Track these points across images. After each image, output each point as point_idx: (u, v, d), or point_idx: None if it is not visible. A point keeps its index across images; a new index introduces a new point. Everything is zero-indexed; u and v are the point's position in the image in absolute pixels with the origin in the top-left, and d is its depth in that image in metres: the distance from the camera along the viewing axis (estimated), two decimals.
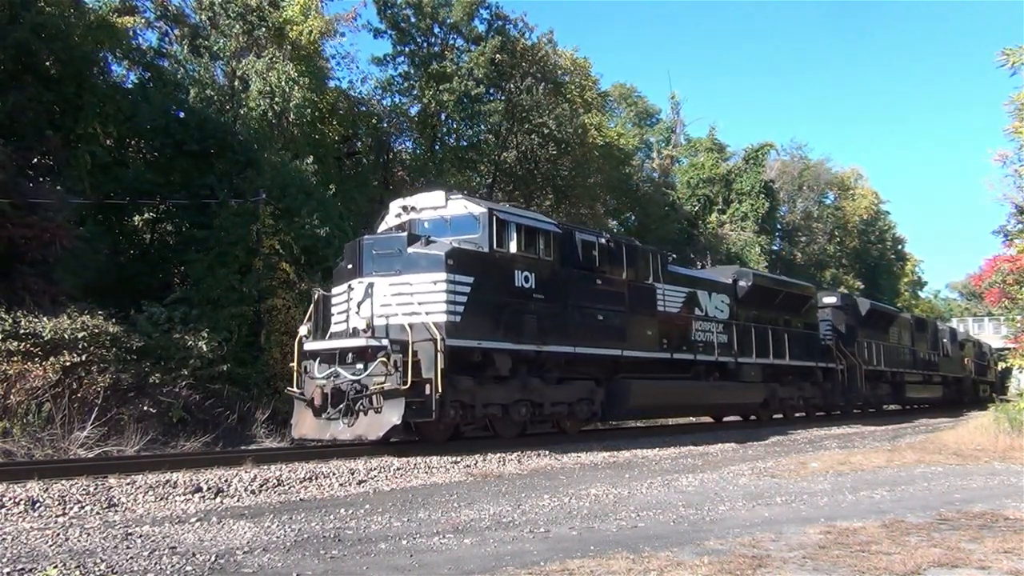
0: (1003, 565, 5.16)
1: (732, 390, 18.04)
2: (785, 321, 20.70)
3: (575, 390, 13.74)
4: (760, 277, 20.55)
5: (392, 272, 11.30)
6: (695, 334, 16.74)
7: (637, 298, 14.94)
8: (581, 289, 13.56)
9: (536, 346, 12.45)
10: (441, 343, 10.69)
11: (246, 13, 19.71)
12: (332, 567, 5.10)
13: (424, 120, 25.67)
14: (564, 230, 13.78)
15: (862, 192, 55.13)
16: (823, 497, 8.30)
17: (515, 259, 12.35)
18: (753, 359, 18.57)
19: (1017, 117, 17.71)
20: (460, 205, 12.43)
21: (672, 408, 17.59)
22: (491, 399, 12.07)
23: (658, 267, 15.87)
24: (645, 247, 16.48)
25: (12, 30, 14.94)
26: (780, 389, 20.22)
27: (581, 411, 13.90)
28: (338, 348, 11.32)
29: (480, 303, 11.56)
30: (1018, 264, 20.81)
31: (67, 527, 6.25)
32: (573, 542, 5.93)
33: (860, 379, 23.95)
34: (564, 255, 13.34)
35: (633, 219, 35.99)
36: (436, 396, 10.58)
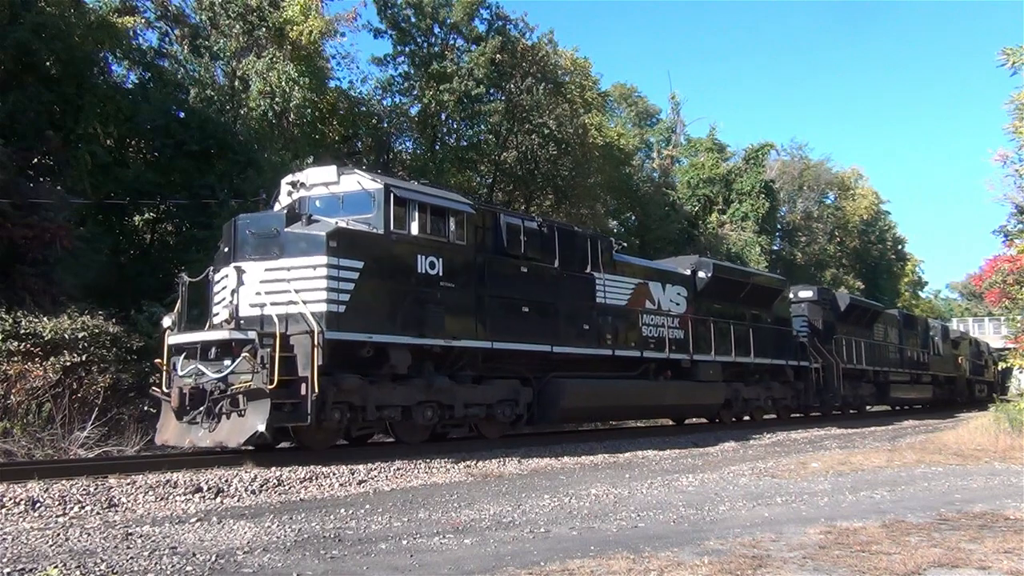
0: (1003, 565, 5.16)
1: (687, 390, 16.51)
2: (752, 316, 19.20)
3: (495, 391, 12.39)
4: (721, 268, 18.84)
5: (269, 256, 10.03)
6: (645, 329, 15.40)
7: (572, 289, 13.67)
8: (503, 277, 12.27)
9: (444, 340, 11.17)
10: (319, 336, 9.45)
11: (246, 13, 19.74)
12: (332, 567, 5.10)
13: (424, 120, 25.69)
14: (481, 211, 12.45)
15: (862, 192, 55.11)
16: (823, 497, 8.30)
17: (417, 242, 10.98)
18: (712, 356, 17.09)
19: (1017, 116, 17.69)
20: (353, 181, 11.04)
21: (614, 411, 16.02)
22: (387, 400, 10.75)
23: (598, 255, 14.42)
24: (584, 232, 15.14)
25: (12, 30, 14.96)
26: (744, 389, 18.84)
27: (503, 414, 12.58)
28: (200, 342, 10.02)
29: (371, 291, 10.31)
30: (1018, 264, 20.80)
31: (67, 527, 6.25)
32: (573, 542, 5.92)
33: (837, 378, 22.54)
34: (483, 239, 12.13)
35: (633, 219, 36.00)
36: (313, 397, 9.36)
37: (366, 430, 11.50)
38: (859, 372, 24.98)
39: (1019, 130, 17.67)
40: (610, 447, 13.56)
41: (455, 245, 11.56)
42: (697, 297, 17.25)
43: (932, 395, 32.02)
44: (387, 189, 10.75)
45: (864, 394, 25.62)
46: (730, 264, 20.90)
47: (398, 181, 11.66)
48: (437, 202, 11.51)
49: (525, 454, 12.05)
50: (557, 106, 27.39)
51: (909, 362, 29.90)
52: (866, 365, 25.25)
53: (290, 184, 11.53)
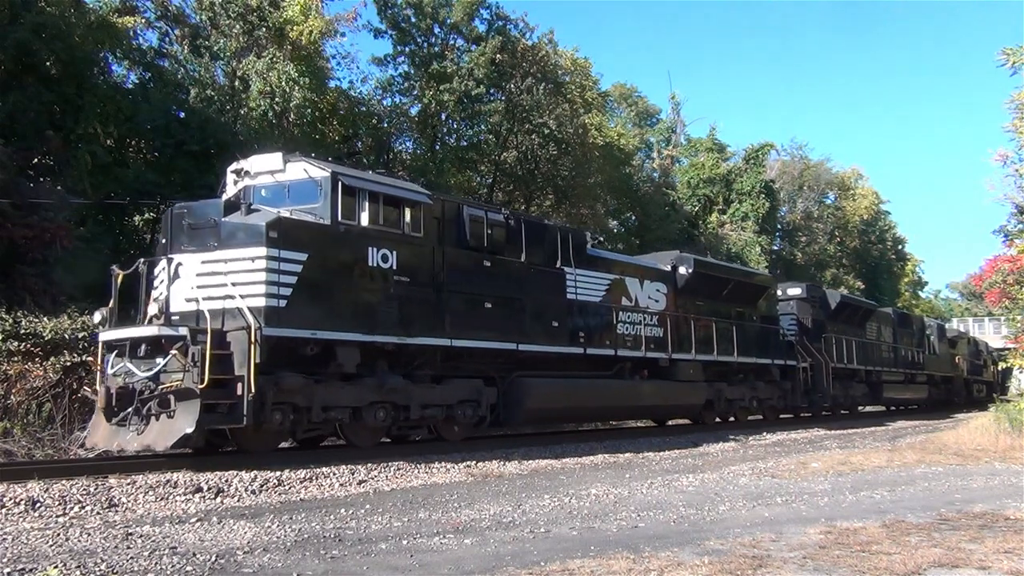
0: (1003, 565, 5.16)
1: (665, 390, 15.82)
2: (737, 314, 18.59)
3: (455, 391, 11.76)
4: (703, 263, 18.10)
5: (205, 248, 9.46)
6: (621, 326, 14.76)
7: (540, 284, 13.09)
8: (464, 272, 11.70)
9: (397, 338, 10.60)
10: (257, 332, 8.91)
11: (246, 13, 19.73)
12: (332, 567, 5.10)
13: (424, 120, 25.68)
14: (441, 202, 11.83)
15: (862, 192, 55.09)
16: (823, 497, 8.30)
17: (368, 234, 10.40)
18: (692, 355, 16.47)
19: (1017, 116, 17.70)
20: (300, 168, 10.42)
21: (586, 411, 15.25)
22: (335, 401, 10.18)
23: (569, 249, 13.85)
24: (555, 226, 14.50)
25: (13, 30, 14.97)
26: (728, 389, 18.15)
27: (464, 415, 11.96)
28: (129, 338, 9.42)
29: (316, 285, 9.75)
30: (1018, 264, 20.81)
31: (67, 527, 6.26)
32: (573, 542, 5.93)
33: (826, 378, 21.79)
34: (443, 232, 11.54)
35: (633, 219, 36.00)
36: (249, 397, 8.80)
37: (314, 432, 10.86)
38: (850, 372, 24.41)
39: (1019, 130, 17.68)
40: (610, 447, 13.56)
41: (411, 237, 10.99)
42: (678, 294, 16.77)
43: (928, 395, 31.41)
44: (335, 177, 10.18)
45: (856, 394, 25.05)
46: (712, 260, 20.03)
47: (348, 169, 10.99)
48: (391, 192, 10.88)
49: (525, 454, 12.07)
50: (557, 106, 27.38)
51: (904, 361, 29.28)
52: (858, 364, 24.65)
53: (235, 172, 10.90)
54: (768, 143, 41.77)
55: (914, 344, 30.75)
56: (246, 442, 9.93)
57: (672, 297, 16.54)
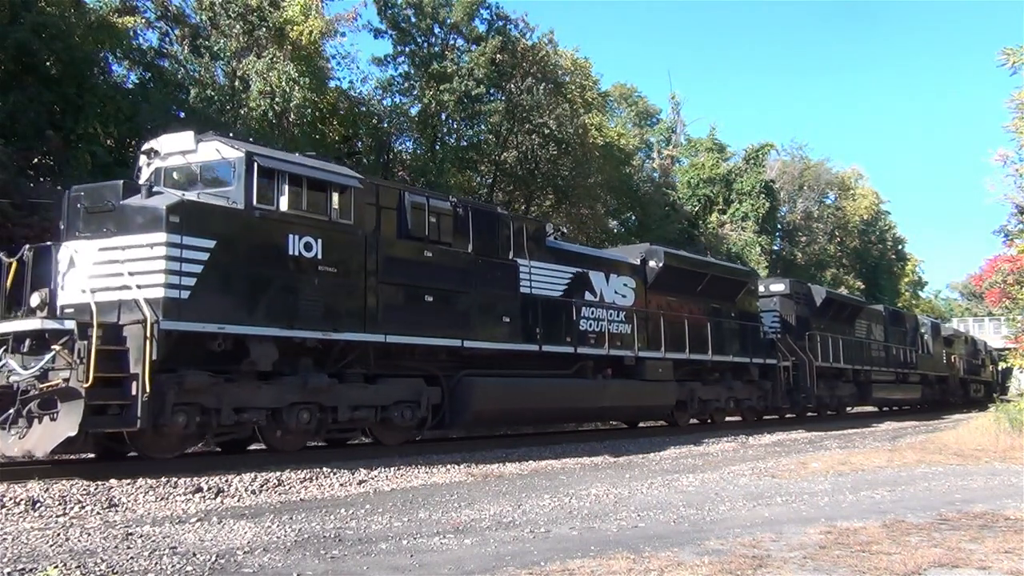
0: (1004, 565, 5.16)
1: (631, 390, 14.98)
2: (713, 310, 17.76)
3: (391, 391, 10.97)
4: (674, 257, 17.22)
5: (102, 233, 8.66)
6: (584, 323, 14.01)
7: (490, 276, 12.27)
8: (402, 262, 10.94)
9: (322, 333, 9.89)
10: (153, 326, 8.15)
11: (246, 13, 19.72)
12: (332, 567, 5.10)
13: (424, 120, 25.67)
14: (375, 187, 11.04)
15: (862, 192, 55.08)
16: (823, 497, 8.30)
17: (288, 219, 9.61)
18: (662, 353, 15.66)
19: (1017, 116, 17.71)
20: (212, 148, 9.62)
21: (541, 413, 14.18)
22: (249, 401, 9.35)
23: (523, 240, 13.08)
24: (508, 215, 13.62)
25: (13, 30, 14.97)
26: (701, 389, 17.37)
27: (402, 417, 11.12)
28: (12, 332, 8.59)
29: (226, 275, 9.00)
30: (1018, 264, 20.82)
31: (67, 527, 6.25)
32: (574, 542, 5.93)
33: (810, 377, 20.85)
34: (379, 219, 10.80)
35: (633, 219, 35.99)
36: (144, 397, 8.04)
37: (227, 436, 9.86)
38: (837, 371, 23.56)
39: (1019, 130, 17.68)
40: (610, 447, 13.57)
41: (339, 224, 10.19)
42: (648, 289, 16.00)
43: (921, 395, 30.67)
44: (249, 157, 9.38)
45: (843, 394, 24.32)
46: (685, 254, 19.04)
47: (265, 149, 10.17)
48: (315, 174, 10.10)
49: (525, 454, 12.07)
50: (557, 106, 27.38)
51: (895, 361, 28.45)
52: (845, 363, 23.80)
53: (145, 153, 10.09)
54: (768, 143, 41.82)
55: (907, 343, 29.97)
56: (146, 447, 9.06)
57: (641, 292, 15.82)
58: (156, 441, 9.01)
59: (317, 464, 9.64)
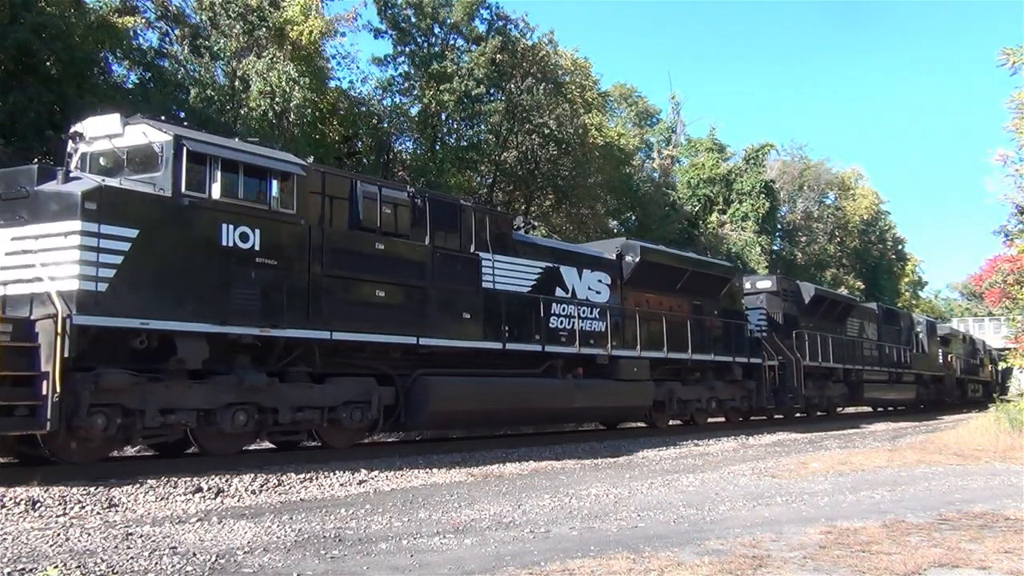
0: (1003, 565, 5.16)
1: (604, 391, 14.31)
2: (694, 307, 17.19)
3: (339, 391, 10.36)
4: (652, 252, 16.49)
5: (15, 222, 8.10)
6: (554, 320, 13.43)
7: (449, 271, 11.66)
8: (350, 255, 10.32)
9: (259, 329, 9.23)
10: (65, 321, 7.60)
11: (246, 13, 19.72)
12: (332, 567, 5.10)
13: (424, 120, 25.68)
14: (321, 175, 10.44)
15: (862, 192, 55.09)
16: (824, 497, 8.30)
17: (221, 208, 9.00)
18: (638, 352, 15.01)
19: (1017, 116, 17.72)
20: (139, 132, 9.03)
21: (505, 415, 13.40)
22: (177, 402, 8.75)
23: (487, 233, 12.46)
24: (471, 206, 12.89)
25: (13, 30, 14.96)
26: (681, 389, 16.73)
27: (351, 419, 10.50)
28: None
29: (151, 267, 8.36)
30: (1018, 264, 20.84)
31: (67, 527, 6.25)
32: (573, 542, 5.93)
33: (797, 377, 20.11)
34: (327, 210, 10.26)
35: (633, 219, 36.01)
36: (55, 398, 7.52)
37: (155, 438, 9.33)
38: (827, 370, 22.83)
39: (1019, 130, 17.69)
40: (610, 447, 13.58)
41: (280, 214, 9.59)
42: (624, 285, 15.37)
43: (915, 395, 29.80)
44: (178, 141, 8.82)
45: (833, 395, 23.53)
46: (663, 248, 18.17)
47: (197, 132, 9.55)
48: (252, 160, 9.45)
49: (525, 454, 12.07)
50: (557, 106, 27.39)
51: (889, 360, 27.69)
52: (834, 363, 23.02)
53: (70, 137, 9.66)
54: (768, 143, 41.84)
55: (901, 342, 29.27)
56: (62, 451, 8.37)
57: (617, 288, 15.19)
58: (74, 445, 8.43)
59: (317, 464, 9.66)
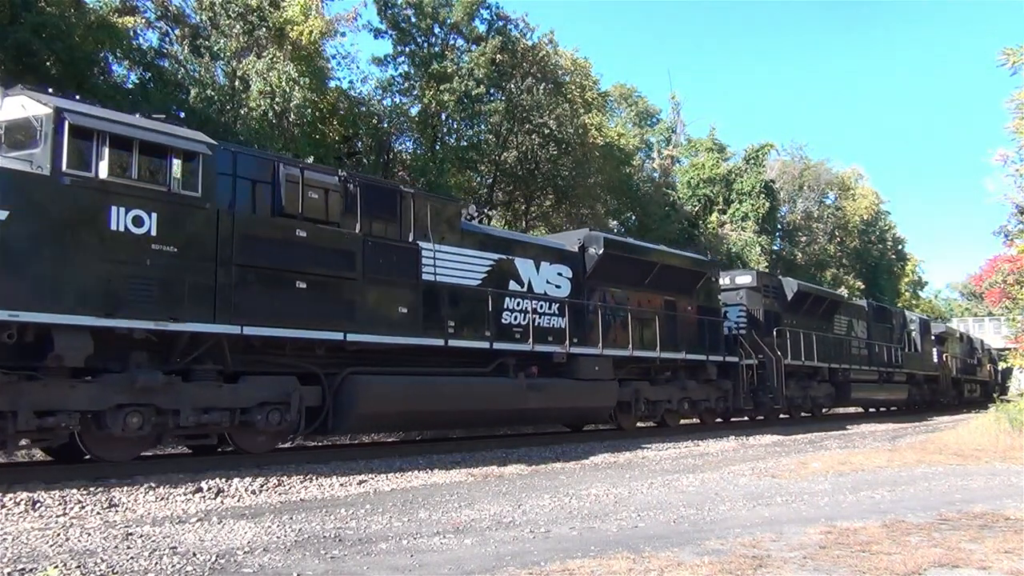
0: (1004, 565, 5.16)
1: (560, 391, 13.37)
2: (667, 303, 16.29)
3: (253, 391, 9.42)
4: (617, 244, 15.59)
5: None
6: (507, 315, 12.59)
7: (383, 261, 10.77)
8: (265, 243, 9.41)
9: (153, 323, 8.40)
10: None
11: (246, 13, 19.72)
12: (332, 567, 5.10)
13: (424, 120, 25.68)
14: (232, 155, 9.59)
15: (862, 192, 55.07)
16: (824, 497, 8.30)
17: (109, 189, 8.21)
18: (600, 349, 14.14)
19: (1018, 116, 17.74)
20: (18, 105, 8.23)
21: (446, 417, 12.14)
22: (57, 404, 8.00)
23: (428, 221, 11.58)
24: (411, 192, 11.92)
25: (13, 30, 14.97)
26: (649, 389, 15.80)
27: (267, 422, 9.55)
28: None
29: (22, 253, 7.63)
30: (1018, 264, 20.86)
31: (67, 527, 6.25)
32: (573, 542, 5.93)
33: (777, 377, 19.15)
34: (237, 192, 9.42)
35: (633, 219, 36.02)
36: None
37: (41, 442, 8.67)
38: (811, 370, 21.90)
39: (1019, 130, 17.71)
40: (610, 447, 13.57)
41: (181, 197, 8.74)
42: (587, 278, 14.46)
43: (908, 396, 28.81)
44: (59, 114, 8.01)
45: (818, 395, 22.57)
46: (630, 241, 17.10)
47: (83, 105, 8.69)
48: (148, 137, 8.65)
49: (525, 455, 12.07)
50: (557, 106, 27.39)
51: (879, 359, 26.64)
52: (819, 361, 22.04)
53: None
54: (768, 143, 41.77)
55: (893, 340, 28.23)
56: None
57: (579, 282, 14.26)
58: None
59: (317, 464, 9.66)
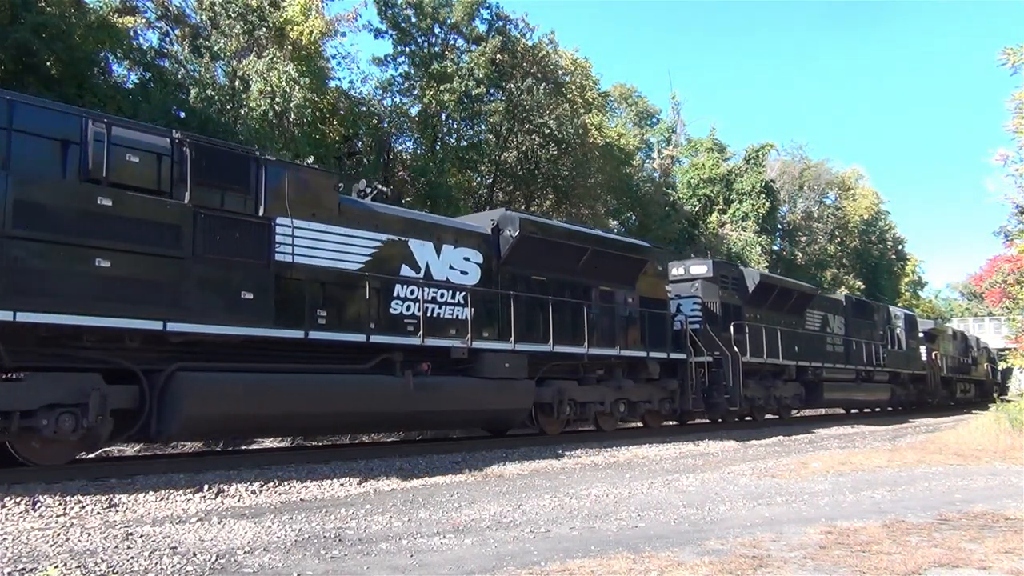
0: (1004, 565, 5.16)
1: (458, 391, 11.67)
2: (602, 294, 14.62)
3: (34, 391, 7.80)
4: (536, 225, 13.80)
5: None
6: (396, 305, 11.03)
7: (221, 238, 9.01)
8: (51, 212, 7.78)
9: None
10: None
11: (247, 13, 19.74)
12: (333, 567, 5.10)
13: (425, 120, 25.69)
14: (4, 104, 7.71)
15: (862, 192, 55.10)
16: (824, 497, 8.30)
17: None
18: (512, 344, 12.40)
19: (1018, 115, 17.75)
20: None
21: (310, 420, 10.24)
22: None
23: (287, 192, 9.82)
24: (264, 158, 9.98)
25: (13, 30, 14.97)
26: (576, 390, 14.00)
27: (57, 428, 7.86)
28: None
29: None
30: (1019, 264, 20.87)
31: (67, 527, 6.25)
32: (574, 542, 5.93)
33: (733, 376, 17.50)
34: (10, 151, 7.65)
35: (633, 219, 36.04)
36: None
37: None
38: (777, 368, 20.25)
39: (1020, 129, 17.72)
40: (610, 447, 13.56)
41: None
42: (501, 264, 12.79)
43: (890, 396, 27.21)
44: None
45: (785, 395, 20.91)
46: (555, 223, 15.34)
47: None
48: None
49: (525, 454, 12.07)
50: (557, 106, 27.40)
51: (857, 357, 24.85)
52: (785, 359, 20.29)
53: None
54: (768, 143, 41.82)
55: (875, 337, 26.56)
56: None
57: (492, 268, 12.65)
58: None
59: (317, 464, 9.66)
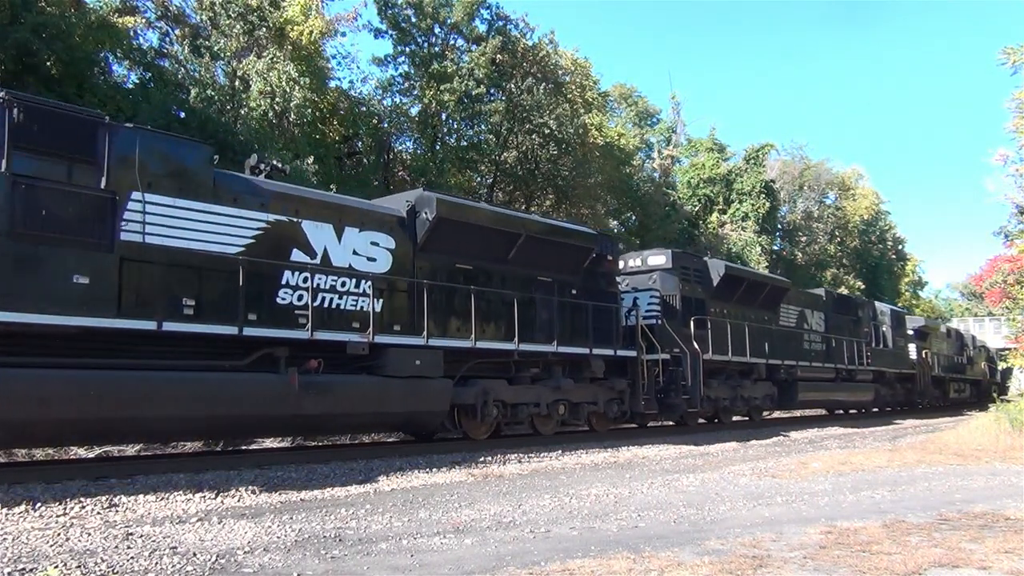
0: (1004, 565, 5.16)
1: (356, 391, 10.47)
2: (541, 284, 13.41)
3: None
4: (459, 208, 12.34)
5: None
6: (285, 294, 9.87)
7: (48, 212, 7.91)
8: None
9: None
10: None
11: (247, 13, 19.75)
12: (333, 567, 5.10)
13: (425, 120, 25.70)
14: None
15: (862, 192, 55.11)
16: (824, 497, 8.30)
17: None
18: (424, 339, 11.20)
19: (1018, 115, 17.77)
20: None
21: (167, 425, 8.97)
22: None
23: (138, 161, 8.65)
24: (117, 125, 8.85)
25: (13, 30, 14.97)
26: (504, 390, 12.75)
27: None
28: None
29: None
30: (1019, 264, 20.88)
31: (68, 527, 6.25)
32: (574, 542, 5.93)
33: (693, 374, 16.21)
34: None
35: (633, 219, 36.05)
36: None
37: None
38: (745, 366, 18.90)
39: (1020, 129, 17.73)
40: (610, 447, 13.56)
41: None
42: (418, 251, 11.64)
43: (874, 396, 25.72)
44: None
45: (755, 396, 19.56)
46: (482, 205, 13.83)
47: None
48: None
49: (525, 455, 12.07)
50: (557, 106, 27.41)
51: (838, 355, 23.35)
52: (754, 357, 18.89)
53: None
54: (768, 143, 41.83)
55: (859, 334, 25.11)
56: None
57: (406, 255, 11.50)
58: None
59: (317, 464, 9.66)
